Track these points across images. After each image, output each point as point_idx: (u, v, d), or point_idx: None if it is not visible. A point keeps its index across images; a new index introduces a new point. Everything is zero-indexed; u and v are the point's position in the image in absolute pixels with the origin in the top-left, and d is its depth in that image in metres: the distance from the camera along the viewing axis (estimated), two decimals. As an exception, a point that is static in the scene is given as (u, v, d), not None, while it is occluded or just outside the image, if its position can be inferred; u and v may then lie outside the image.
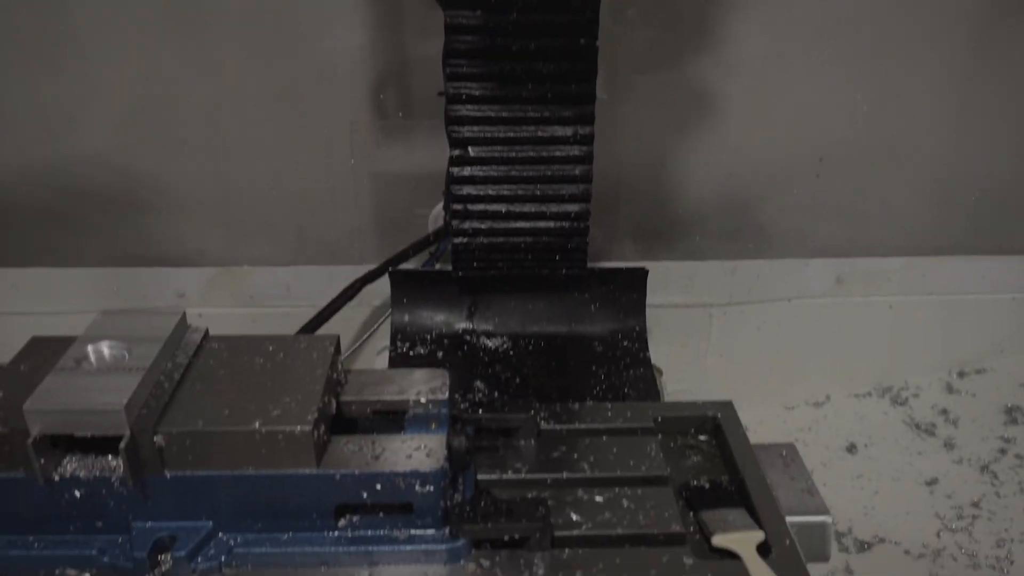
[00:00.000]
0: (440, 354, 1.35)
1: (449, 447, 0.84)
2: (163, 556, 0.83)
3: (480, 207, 1.30)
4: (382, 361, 1.43)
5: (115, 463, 0.80)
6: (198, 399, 0.83)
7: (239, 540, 0.83)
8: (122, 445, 0.77)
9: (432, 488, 0.81)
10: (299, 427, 0.78)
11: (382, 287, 1.51)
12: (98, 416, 0.77)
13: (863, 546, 1.45)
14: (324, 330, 1.45)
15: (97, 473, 0.79)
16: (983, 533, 1.46)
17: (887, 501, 1.54)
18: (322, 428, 0.82)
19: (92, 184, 1.59)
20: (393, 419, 0.91)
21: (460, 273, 1.35)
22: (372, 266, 1.54)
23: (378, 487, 0.81)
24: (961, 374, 1.79)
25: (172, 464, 0.80)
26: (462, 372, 1.29)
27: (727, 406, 1.04)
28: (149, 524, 0.83)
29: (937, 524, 1.49)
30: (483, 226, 1.31)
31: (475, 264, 1.34)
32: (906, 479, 1.59)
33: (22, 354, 0.89)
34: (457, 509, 0.83)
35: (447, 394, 0.91)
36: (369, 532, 0.83)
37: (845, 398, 1.78)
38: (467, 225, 1.31)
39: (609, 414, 1.02)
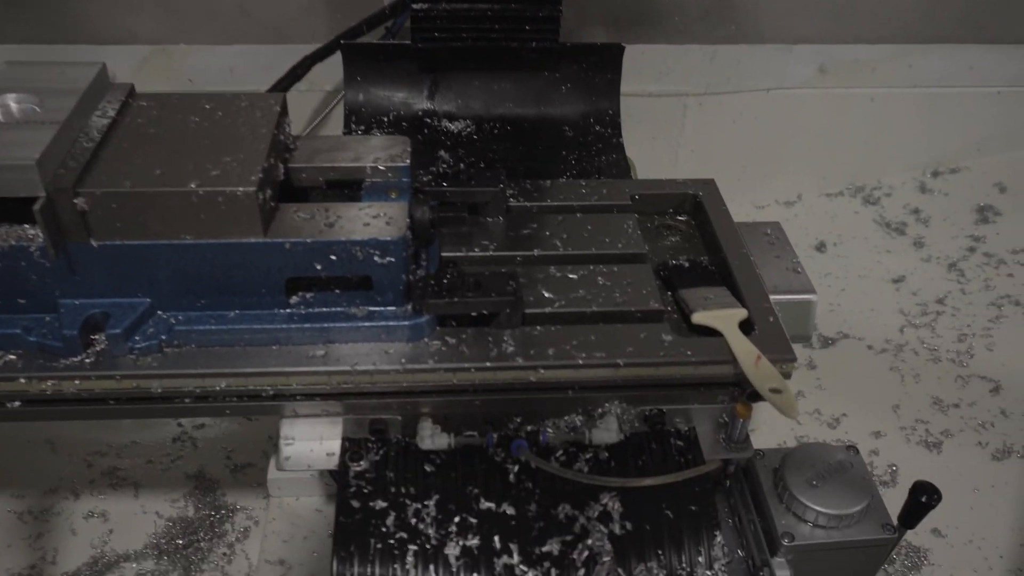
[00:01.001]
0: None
1: (411, 217, 0.77)
2: (96, 336, 0.76)
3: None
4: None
5: (33, 231, 0.71)
6: (125, 158, 0.73)
7: (180, 318, 0.76)
8: (37, 207, 0.67)
9: (393, 259, 0.73)
10: (241, 188, 0.69)
11: (334, 69, 1.37)
12: (7, 173, 0.67)
13: (827, 342, 1.44)
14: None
15: (13, 243, 0.70)
16: (945, 328, 1.46)
17: (853, 298, 1.52)
18: (268, 192, 0.73)
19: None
20: (348, 191, 0.83)
21: (420, 45, 1.22)
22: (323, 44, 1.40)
23: (332, 258, 0.73)
24: (936, 173, 1.74)
25: (99, 232, 0.71)
26: (420, 156, 1.20)
27: (709, 184, 0.97)
28: (79, 301, 0.75)
29: (901, 320, 1.48)
30: (446, -9, 1.17)
31: (436, 34, 1.21)
32: (873, 277, 1.57)
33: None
34: (420, 284, 0.76)
35: (408, 160, 0.82)
36: (324, 309, 0.76)
37: (817, 197, 1.72)
38: (429, -9, 1.17)
39: (583, 191, 0.95)
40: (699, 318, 0.79)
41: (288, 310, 0.76)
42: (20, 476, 1.15)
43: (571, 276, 0.83)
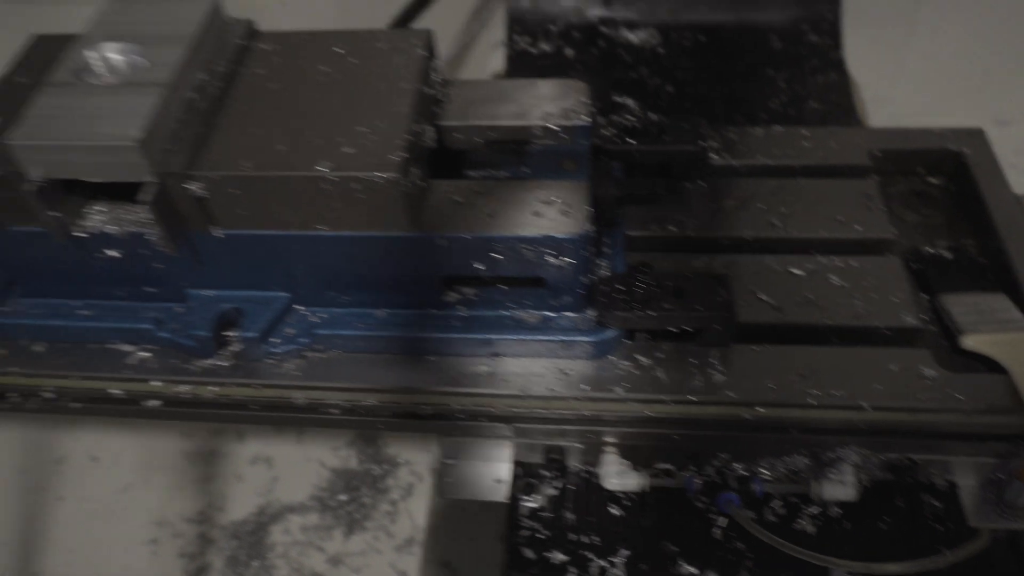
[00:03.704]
0: (569, 52, 1.06)
1: (595, 199, 0.60)
2: (231, 333, 0.65)
3: None
4: (496, 63, 1.15)
5: (150, 216, 0.60)
6: (244, 128, 0.59)
7: (323, 317, 0.64)
8: (148, 198, 0.56)
9: (572, 260, 0.58)
10: (381, 173, 0.55)
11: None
12: (108, 155, 0.55)
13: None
14: (420, 22, 1.17)
15: (132, 229, 0.59)
16: None
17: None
18: (415, 171, 0.58)
19: None
20: (512, 152, 0.67)
21: (598, -60, 1.01)
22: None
23: (497, 257, 0.58)
24: None
25: (222, 220, 0.59)
26: (597, 78, 1.01)
27: (975, 136, 0.74)
28: (209, 293, 0.64)
29: None
30: None
31: (618, -72, 1.00)
32: None
33: (21, 61, 0.67)
34: (605, 289, 0.60)
35: (587, 119, 0.64)
36: (488, 312, 0.62)
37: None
38: None
39: (806, 145, 0.75)
40: (973, 343, 0.59)
41: (445, 311, 0.63)
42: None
43: (794, 271, 0.65)
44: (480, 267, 0.59)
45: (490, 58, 1.23)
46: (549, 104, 0.65)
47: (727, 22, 1.05)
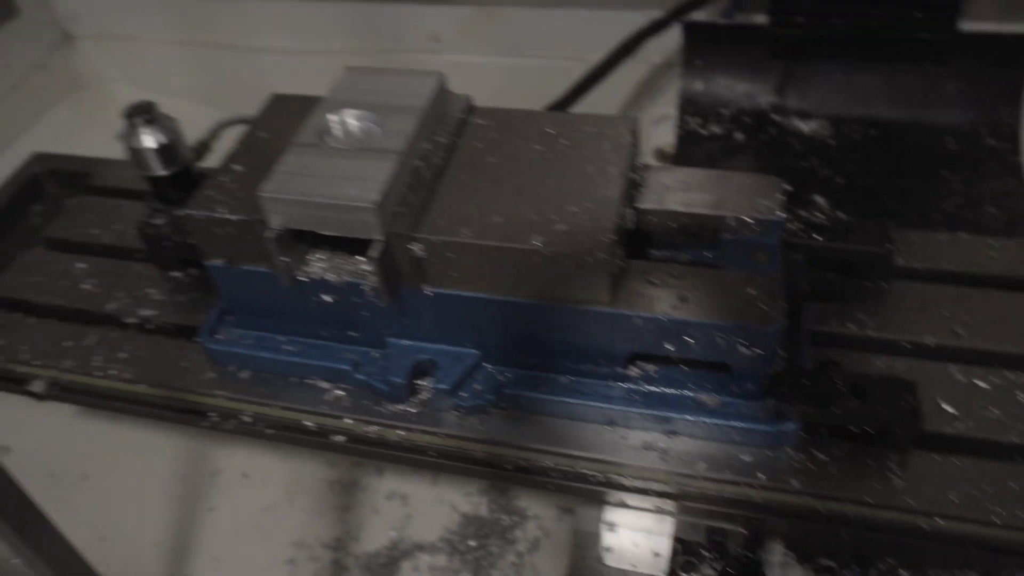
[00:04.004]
0: (739, 136, 1.09)
1: (788, 292, 0.62)
2: (422, 382, 0.70)
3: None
4: (662, 134, 1.19)
5: (367, 268, 0.65)
6: (464, 197, 0.64)
7: (509, 376, 0.68)
8: (374, 254, 0.61)
9: (762, 351, 0.60)
10: (591, 254, 0.59)
11: (668, 40, 1.23)
12: (346, 214, 0.61)
13: None
14: (596, 92, 1.21)
15: (348, 278, 0.65)
16: None
17: None
18: (619, 252, 0.62)
19: None
20: (702, 238, 0.70)
21: (777, 29, 1.04)
22: (656, 13, 1.25)
23: (688, 340, 0.61)
24: None
25: (434, 279, 0.64)
26: (766, 164, 1.03)
27: None
28: (407, 343, 0.69)
29: None
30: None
31: (800, 18, 1.02)
32: None
33: (263, 116, 0.74)
34: (788, 380, 0.62)
35: (782, 214, 0.67)
36: (668, 390, 0.65)
37: None
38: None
39: (993, 255, 0.75)
40: None
41: (627, 384, 0.66)
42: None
43: (979, 384, 0.65)
44: (669, 348, 0.62)
45: (656, 130, 1.27)
46: (744, 196, 0.68)
47: (901, 119, 1.06)
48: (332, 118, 0.67)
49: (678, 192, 0.69)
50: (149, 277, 0.81)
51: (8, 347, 0.78)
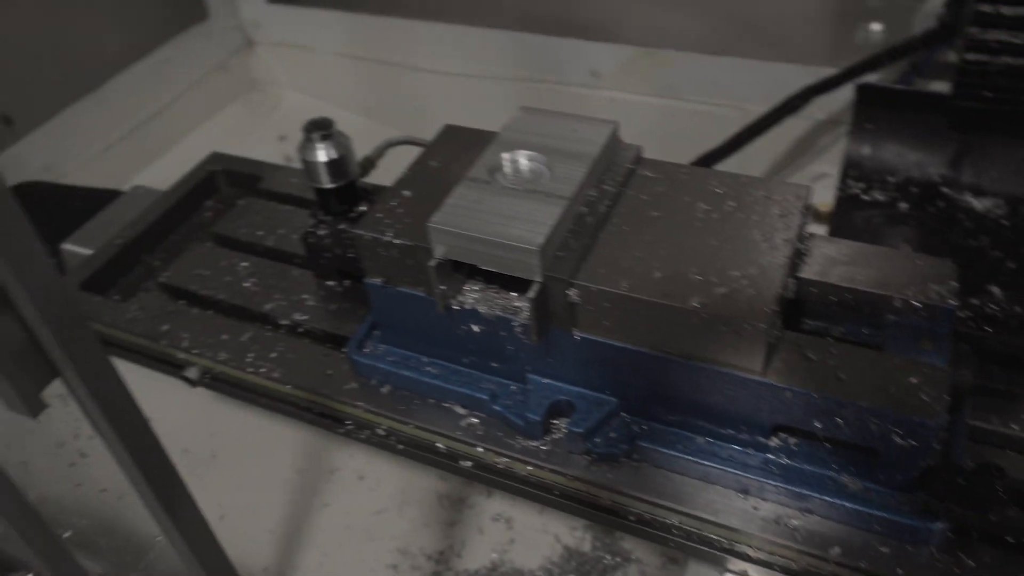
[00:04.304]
0: (903, 206, 1.05)
1: (953, 385, 0.59)
2: (557, 421, 0.70)
3: (1017, 11, 0.92)
4: (818, 192, 1.16)
5: (520, 306, 0.66)
6: (624, 248, 0.64)
7: (645, 428, 0.68)
8: (531, 294, 0.62)
9: (918, 444, 0.57)
10: (751, 321, 0.58)
11: (836, 97, 1.20)
12: (508, 252, 0.62)
13: None
14: (760, 145, 1.19)
15: (499, 312, 0.66)
16: None
17: None
18: (778, 322, 0.61)
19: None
20: (863, 315, 0.67)
21: (961, 101, 1.00)
22: (826, 69, 1.22)
23: (839, 421, 0.59)
24: None
25: (584, 324, 0.64)
26: (930, 238, 0.99)
27: None
28: (547, 381, 0.70)
29: None
30: (1017, 40, 0.93)
31: (987, 93, 0.98)
32: None
33: (435, 145, 0.77)
34: (942, 477, 0.59)
35: (955, 302, 0.64)
36: (809, 467, 0.63)
37: None
38: (991, 37, 0.94)
39: None
40: None
41: (766, 455, 0.64)
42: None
43: None
44: (817, 425, 0.60)
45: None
46: (915, 279, 0.65)
47: (1086, 207, 1.00)
48: (504, 156, 0.68)
49: (844, 265, 0.67)
50: (306, 283, 0.85)
51: (171, 333, 0.83)
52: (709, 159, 1.20)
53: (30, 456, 0.94)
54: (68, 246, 0.93)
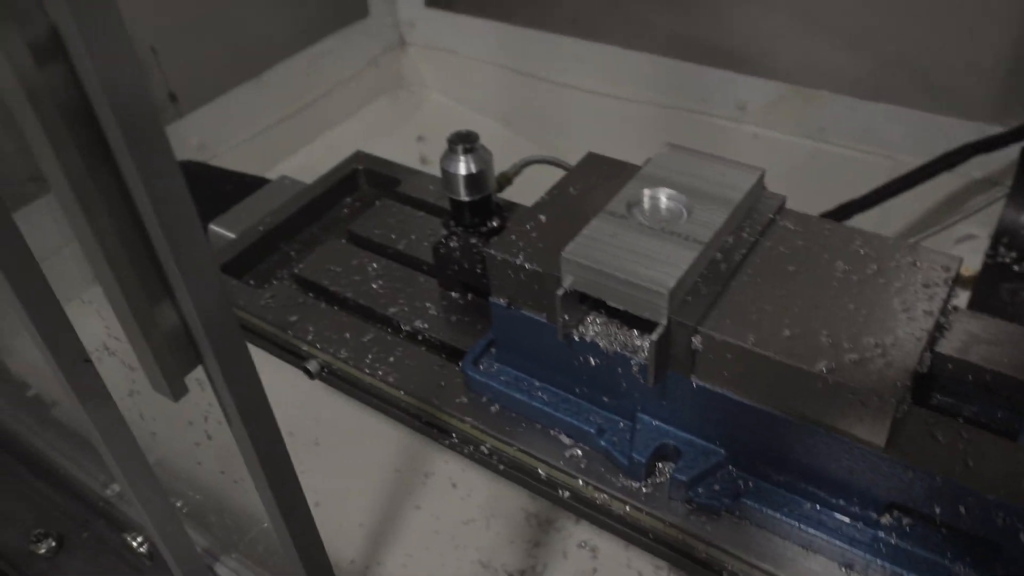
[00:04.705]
0: (1055, 281, 0.99)
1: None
2: (662, 465, 0.69)
3: None
4: (963, 253, 1.10)
5: (640, 344, 0.66)
6: (755, 300, 0.63)
7: (751, 486, 0.66)
8: (654, 336, 0.61)
9: (1049, 548, 0.54)
10: (882, 394, 0.56)
11: (995, 156, 1.14)
12: (637, 292, 0.62)
13: None
14: (906, 198, 1.14)
15: (618, 349, 0.66)
16: None
17: None
18: (908, 397, 0.58)
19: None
20: (999, 398, 0.64)
21: None
22: (990, 127, 1.16)
23: (962, 508, 0.56)
24: None
25: (703, 373, 0.63)
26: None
27: None
28: (656, 423, 0.69)
29: None
30: None
31: None
32: None
33: (575, 173, 0.77)
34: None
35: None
36: (920, 551, 0.60)
37: None
38: None
39: None
40: None
41: (876, 531, 0.62)
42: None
43: None
44: (937, 510, 0.57)
45: (957, 248, 1.18)
46: (1065, 367, 0.62)
47: None
48: (645, 192, 0.68)
49: (986, 344, 0.64)
50: (430, 291, 0.87)
51: (298, 324, 0.86)
52: (852, 208, 1.16)
53: (160, 428, 1.00)
54: (215, 227, 0.98)
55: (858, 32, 1.34)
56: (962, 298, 1.03)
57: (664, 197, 0.68)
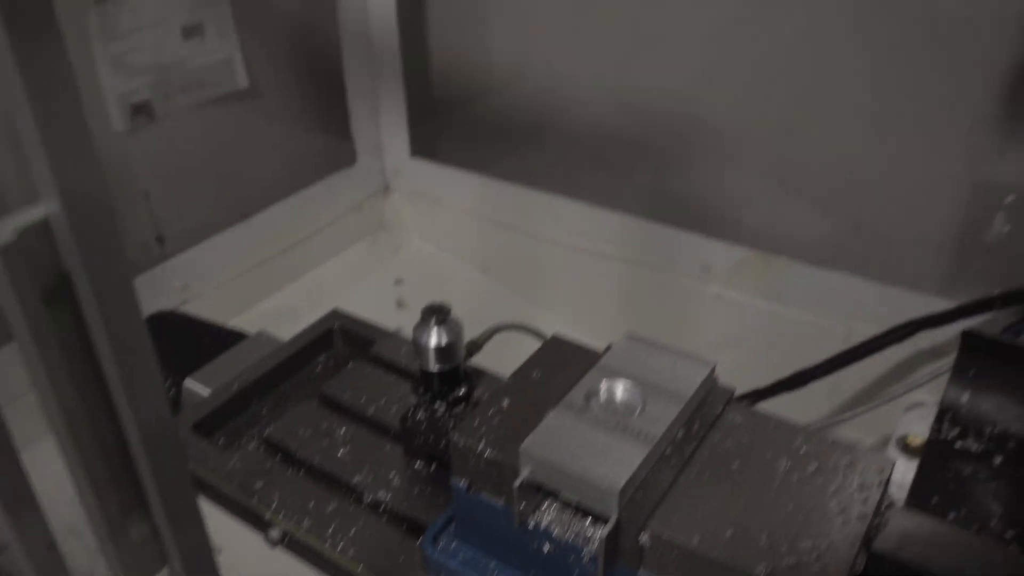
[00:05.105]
0: (998, 459, 1.03)
1: None
2: (611, 654, 0.71)
3: None
4: (913, 421, 1.15)
5: (591, 536, 0.68)
6: (701, 498, 0.66)
7: None
8: (603, 533, 0.64)
9: None
10: (814, 603, 0.59)
11: (945, 329, 1.21)
12: (590, 488, 0.65)
13: None
14: (858, 366, 1.20)
15: (571, 538, 0.69)
16: None
17: None
18: (839, 601, 0.61)
19: (651, 121, 1.50)
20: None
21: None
22: (936, 300, 1.23)
23: None
24: None
25: (651, 567, 0.66)
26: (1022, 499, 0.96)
27: None
28: (608, 611, 0.71)
29: None
30: None
31: (1095, 367, 0.97)
32: None
33: (538, 356, 0.81)
34: None
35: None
36: None
37: None
38: (1102, 313, 0.94)
39: None
40: None
41: None
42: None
43: None
44: None
45: (907, 417, 1.22)
46: (991, 570, 0.65)
47: None
48: (602, 385, 0.72)
49: (918, 545, 0.67)
50: (395, 459, 0.90)
51: (263, 491, 0.88)
52: (807, 376, 1.20)
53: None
54: (189, 385, 1.01)
55: (821, 197, 1.42)
56: (911, 468, 1.07)
57: (620, 389, 0.72)
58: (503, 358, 0.98)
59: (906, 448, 1.18)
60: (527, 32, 1.62)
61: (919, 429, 1.17)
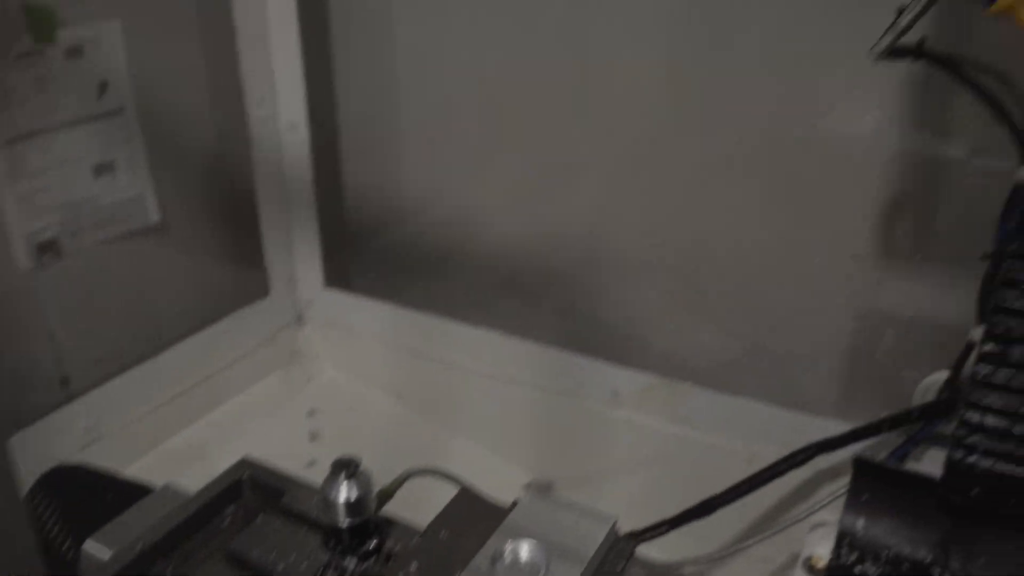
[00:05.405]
0: (896, 584, 1.07)
1: None
2: None
3: (1003, 424, 0.99)
4: (818, 541, 1.19)
5: None
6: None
7: None
8: None
9: None
10: None
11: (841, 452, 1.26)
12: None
13: None
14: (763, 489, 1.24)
15: None
16: None
17: None
18: None
19: (559, 247, 1.56)
20: None
21: (948, 492, 1.05)
22: (832, 423, 1.29)
23: None
24: None
25: None
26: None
27: None
28: None
29: None
30: (1001, 448, 0.99)
31: (973, 491, 1.03)
32: None
33: (447, 513, 0.83)
34: None
35: None
36: None
37: None
38: (975, 440, 1.00)
39: None
40: None
41: None
42: None
43: None
44: None
45: (812, 536, 1.26)
46: None
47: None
48: (507, 547, 0.74)
49: None
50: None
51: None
52: (714, 503, 1.24)
53: None
54: (88, 549, 0.97)
55: (723, 323, 1.49)
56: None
57: (525, 551, 0.74)
58: (416, 503, 0.98)
59: (811, 571, 1.21)
60: (437, 163, 1.69)
61: (822, 551, 1.21)
